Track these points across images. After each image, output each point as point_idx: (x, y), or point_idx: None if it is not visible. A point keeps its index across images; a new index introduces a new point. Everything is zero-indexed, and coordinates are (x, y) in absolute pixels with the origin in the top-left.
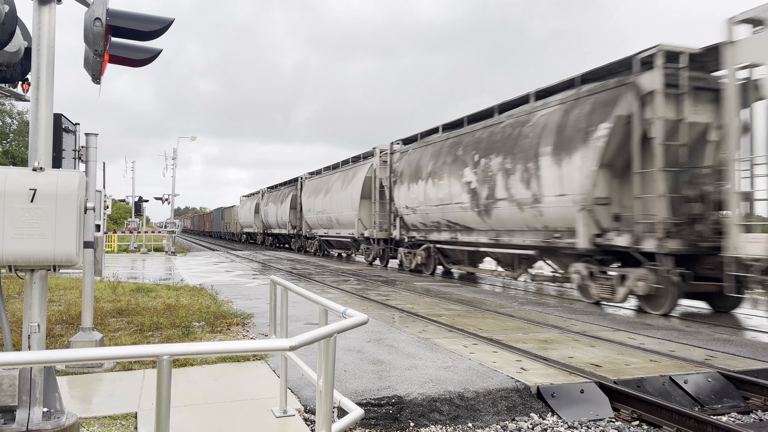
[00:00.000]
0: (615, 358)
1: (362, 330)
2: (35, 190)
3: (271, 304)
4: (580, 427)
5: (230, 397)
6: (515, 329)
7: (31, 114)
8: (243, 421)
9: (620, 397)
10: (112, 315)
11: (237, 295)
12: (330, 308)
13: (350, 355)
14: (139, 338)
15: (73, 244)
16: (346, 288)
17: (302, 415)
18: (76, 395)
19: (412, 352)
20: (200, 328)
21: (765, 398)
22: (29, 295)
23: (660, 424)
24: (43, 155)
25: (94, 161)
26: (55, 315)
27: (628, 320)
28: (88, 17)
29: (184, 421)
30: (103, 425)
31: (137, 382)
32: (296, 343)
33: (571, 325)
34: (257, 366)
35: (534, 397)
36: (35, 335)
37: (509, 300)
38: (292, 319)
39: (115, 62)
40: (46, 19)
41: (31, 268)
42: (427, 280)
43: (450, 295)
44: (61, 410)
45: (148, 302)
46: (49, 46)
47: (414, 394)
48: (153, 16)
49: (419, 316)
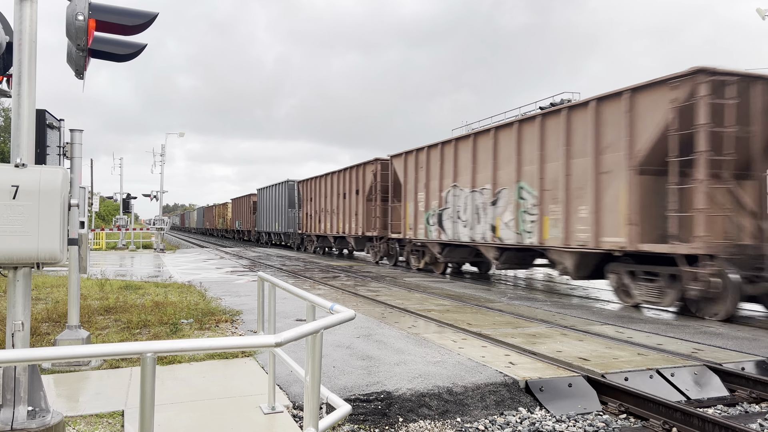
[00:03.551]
0: (603, 352)
1: (351, 326)
2: (17, 186)
3: (259, 300)
4: (568, 421)
5: (218, 394)
6: (504, 324)
7: (14, 110)
8: (231, 418)
9: (608, 391)
10: (99, 313)
11: (226, 292)
12: (317, 304)
13: (339, 351)
14: (126, 336)
15: (57, 241)
16: (336, 284)
17: (291, 411)
18: (63, 394)
19: (401, 348)
20: (188, 325)
21: (751, 390)
22: (12, 293)
23: (647, 417)
24: (26, 151)
25: (79, 157)
26: (42, 313)
27: (617, 314)
28: (70, 11)
29: (171, 419)
30: (90, 423)
31: (124, 380)
32: (282, 340)
33: (560, 320)
34: (246, 363)
35: (522, 391)
36: (19, 333)
37: (499, 295)
38: (281, 315)
39: (99, 57)
40: (28, 14)
41: (14, 265)
42: (416, 276)
43: (440, 290)
44: (46, 409)
45: (136, 299)
46: (30, 41)
47: (403, 390)
48: (136, 10)
49: (409, 312)
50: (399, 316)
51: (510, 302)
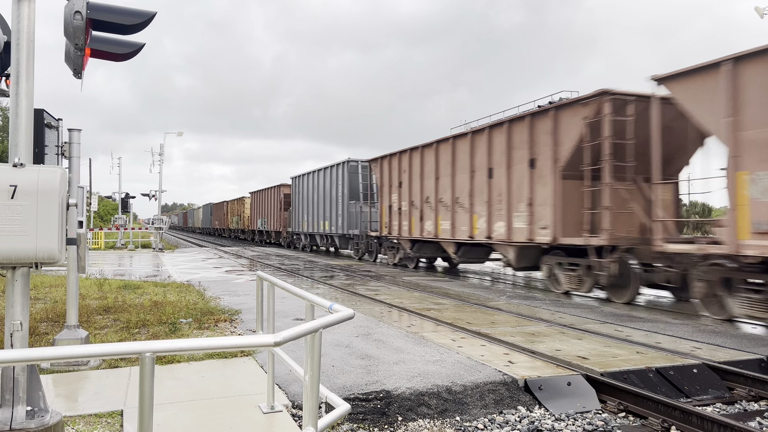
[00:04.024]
0: (602, 351)
1: (351, 325)
2: (15, 186)
3: (258, 300)
4: (567, 419)
5: (217, 394)
6: (503, 323)
7: (12, 109)
8: (230, 417)
9: (607, 389)
10: (98, 312)
11: (225, 292)
12: (316, 303)
13: (339, 350)
14: (125, 335)
15: (55, 240)
16: (335, 283)
17: (290, 410)
18: (62, 393)
19: (400, 347)
20: (187, 324)
21: (749, 388)
22: (11, 293)
23: (646, 415)
24: (24, 151)
25: (78, 157)
26: (41, 313)
27: (615, 313)
28: (68, 10)
29: (170, 418)
30: (89, 423)
31: (123, 380)
32: (281, 339)
33: (559, 318)
34: (245, 362)
35: (521, 390)
36: (18, 333)
37: (497, 294)
38: (280, 314)
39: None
40: (26, 13)
41: (13, 265)
42: (414, 275)
43: (438, 289)
44: (45, 409)
45: (135, 299)
46: (28, 41)
47: (402, 389)
48: (134, 9)
49: (407, 311)
50: (397, 314)
51: (509, 301)
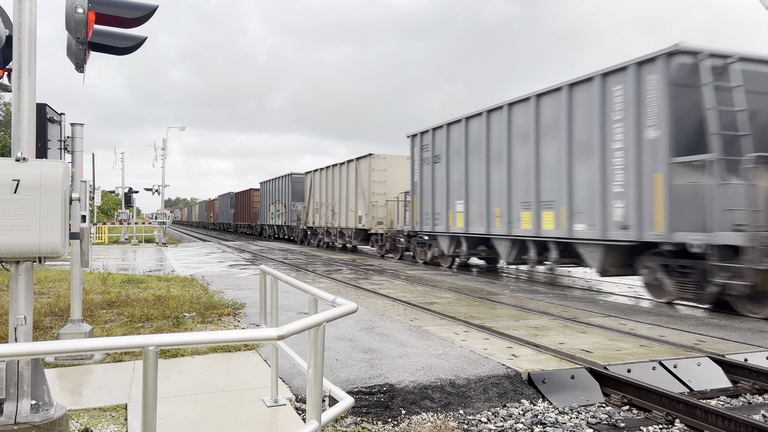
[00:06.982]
0: (606, 344)
1: (354, 319)
2: (18, 180)
3: (261, 294)
4: (571, 413)
5: (221, 387)
6: (507, 316)
7: (14, 104)
8: (234, 411)
9: (611, 383)
10: (102, 307)
11: (228, 286)
12: (319, 297)
13: (342, 344)
14: (129, 330)
15: (59, 235)
16: (338, 277)
17: (294, 404)
18: (66, 387)
19: (403, 340)
20: (191, 318)
21: (754, 381)
22: (15, 288)
23: (650, 409)
24: (27, 145)
25: (80, 151)
26: (45, 307)
27: (619, 307)
28: (69, 4)
29: (174, 412)
30: (93, 417)
31: (127, 374)
32: (284, 333)
33: (563, 312)
34: (248, 356)
35: (525, 383)
36: (22, 327)
37: (501, 288)
38: (284, 308)
39: (99, 50)
40: (27, 7)
41: (16, 260)
42: (418, 268)
43: (442, 283)
44: (49, 402)
45: (139, 293)
46: (30, 34)
47: (405, 382)
48: (136, 2)
49: (411, 305)
50: (401, 308)
51: (513, 294)
